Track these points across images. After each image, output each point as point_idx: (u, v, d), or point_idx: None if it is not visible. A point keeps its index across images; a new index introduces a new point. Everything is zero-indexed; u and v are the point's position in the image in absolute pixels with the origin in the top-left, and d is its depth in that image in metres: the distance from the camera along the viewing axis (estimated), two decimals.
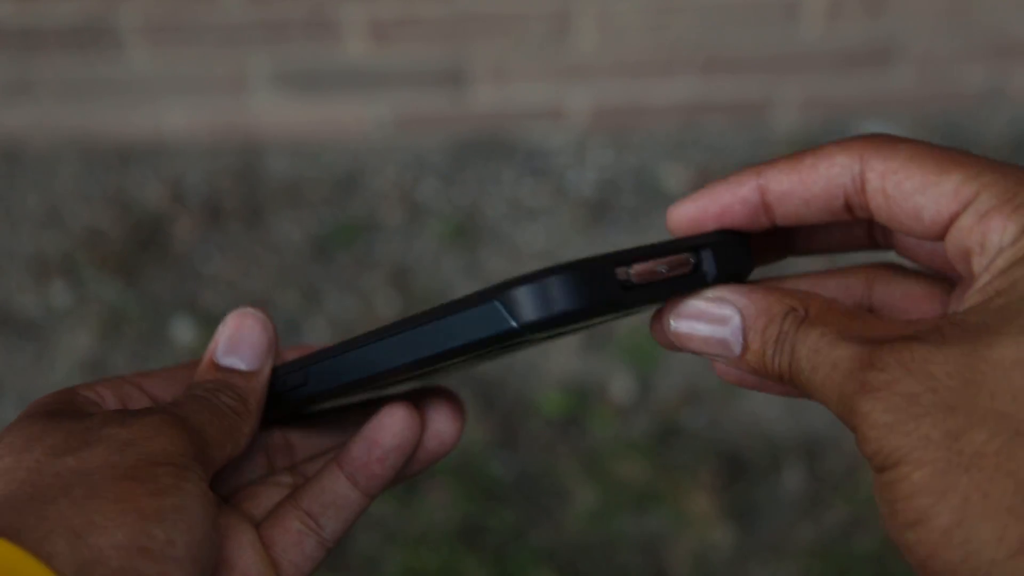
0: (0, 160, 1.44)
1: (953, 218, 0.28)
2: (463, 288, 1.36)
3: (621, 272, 0.30)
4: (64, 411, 0.32)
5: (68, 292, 1.36)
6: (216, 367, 0.36)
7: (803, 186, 0.31)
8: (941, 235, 0.29)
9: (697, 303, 0.32)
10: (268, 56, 1.35)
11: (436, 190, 1.42)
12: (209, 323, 1.33)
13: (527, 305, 0.29)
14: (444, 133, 1.43)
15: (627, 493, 1.23)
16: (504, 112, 1.41)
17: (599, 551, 1.22)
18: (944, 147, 0.29)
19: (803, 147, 0.32)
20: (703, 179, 1.40)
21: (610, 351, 1.29)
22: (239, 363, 0.36)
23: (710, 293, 0.32)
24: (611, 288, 0.30)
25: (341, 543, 1.25)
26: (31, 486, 0.28)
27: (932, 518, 0.24)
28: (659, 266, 0.31)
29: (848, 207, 0.31)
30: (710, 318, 0.32)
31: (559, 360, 1.29)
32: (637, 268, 0.31)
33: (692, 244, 0.32)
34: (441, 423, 0.38)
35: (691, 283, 0.32)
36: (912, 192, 0.29)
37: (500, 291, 0.29)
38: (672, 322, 0.32)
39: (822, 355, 0.28)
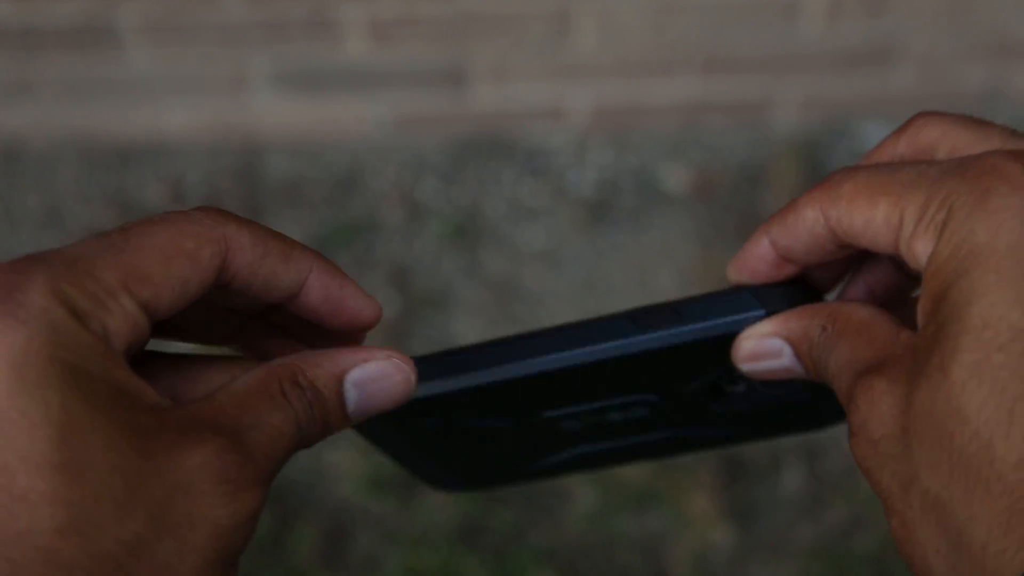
0: (0, 160, 1.44)
1: (896, 246, 0.29)
2: (463, 288, 1.36)
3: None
4: (116, 404, 0.25)
5: None
6: (338, 386, 0.29)
7: (797, 241, 0.31)
8: None
9: (747, 345, 0.32)
10: (268, 56, 1.35)
11: (436, 190, 1.42)
12: None
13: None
14: (444, 133, 1.43)
15: (627, 493, 1.24)
16: (504, 112, 1.41)
17: (599, 551, 1.22)
18: (886, 168, 0.29)
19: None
20: (703, 179, 1.40)
21: None
22: (353, 402, 0.30)
23: (754, 330, 0.32)
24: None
25: (341, 543, 1.25)
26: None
27: (915, 564, 0.26)
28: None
29: (842, 247, 0.31)
30: (766, 355, 0.32)
31: None
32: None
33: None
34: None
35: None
36: (862, 233, 0.29)
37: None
38: (743, 367, 0.33)
39: (836, 381, 0.30)
